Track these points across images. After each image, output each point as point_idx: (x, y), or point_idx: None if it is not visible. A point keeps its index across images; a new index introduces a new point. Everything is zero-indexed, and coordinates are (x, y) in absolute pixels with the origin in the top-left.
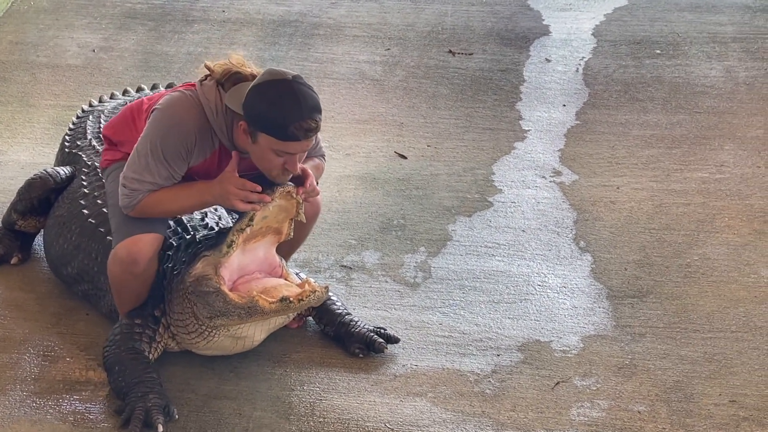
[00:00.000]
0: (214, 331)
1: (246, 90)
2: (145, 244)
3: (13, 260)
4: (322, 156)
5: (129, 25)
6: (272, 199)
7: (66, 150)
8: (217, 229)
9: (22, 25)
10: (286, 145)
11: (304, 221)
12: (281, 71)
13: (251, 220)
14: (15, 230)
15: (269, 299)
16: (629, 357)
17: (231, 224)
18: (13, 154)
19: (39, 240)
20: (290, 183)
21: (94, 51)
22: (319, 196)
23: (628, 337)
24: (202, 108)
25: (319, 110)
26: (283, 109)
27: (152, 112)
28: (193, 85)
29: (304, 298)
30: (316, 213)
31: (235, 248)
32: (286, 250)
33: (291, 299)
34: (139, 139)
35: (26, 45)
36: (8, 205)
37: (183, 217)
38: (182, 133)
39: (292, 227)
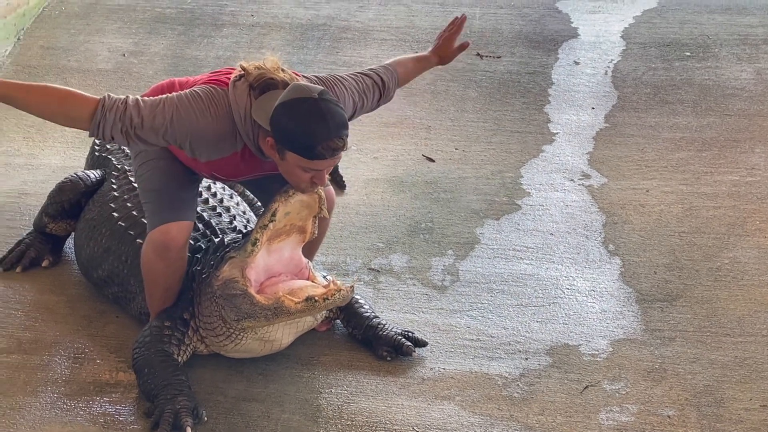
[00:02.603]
0: (241, 334)
1: (273, 102)
2: (177, 231)
3: (44, 263)
4: None
5: (159, 30)
6: (293, 194)
7: (96, 154)
8: (244, 232)
9: (53, 30)
10: (314, 163)
11: (327, 217)
12: (307, 88)
13: (273, 215)
14: (46, 233)
15: (295, 299)
16: (659, 361)
17: None
18: (44, 157)
19: (69, 243)
20: None
21: (124, 55)
22: (331, 189)
23: (657, 341)
24: (231, 111)
25: (345, 127)
26: (309, 130)
27: (193, 89)
28: (225, 83)
29: (330, 297)
30: (330, 208)
31: (259, 246)
32: (307, 248)
33: (316, 298)
34: (175, 94)
35: (57, 50)
36: (39, 208)
37: (212, 220)
38: (197, 130)
39: (316, 225)
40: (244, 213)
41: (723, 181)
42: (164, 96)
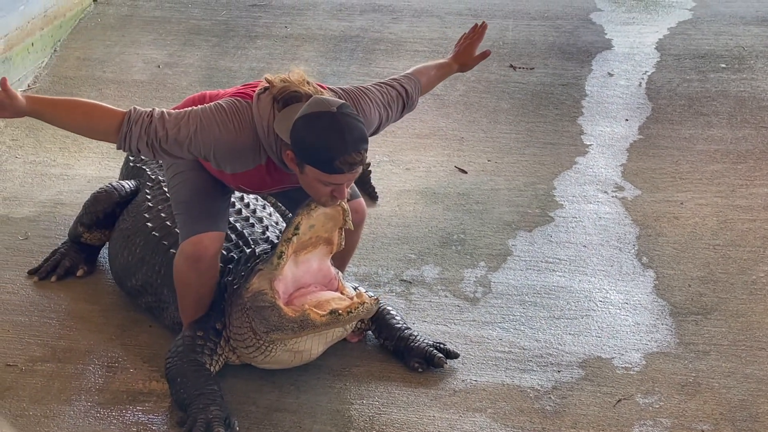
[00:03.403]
0: (271, 346)
1: (294, 115)
2: (209, 242)
3: (79, 272)
4: None
5: (193, 41)
6: (315, 207)
7: (130, 164)
8: (274, 243)
9: (89, 42)
10: (332, 177)
11: (353, 229)
12: (326, 102)
13: (297, 228)
14: (81, 243)
15: (320, 312)
16: (693, 375)
17: None
18: (79, 168)
19: (104, 253)
20: None
21: (159, 67)
22: (362, 201)
23: (691, 354)
24: (254, 124)
25: (364, 141)
26: (327, 144)
27: (217, 102)
28: (251, 96)
29: (353, 310)
30: (361, 220)
31: (285, 259)
32: (338, 259)
33: (340, 311)
34: (199, 107)
35: (93, 61)
36: (74, 218)
37: (244, 231)
38: (220, 143)
39: (343, 236)
40: (276, 224)
41: (758, 193)
42: (189, 109)
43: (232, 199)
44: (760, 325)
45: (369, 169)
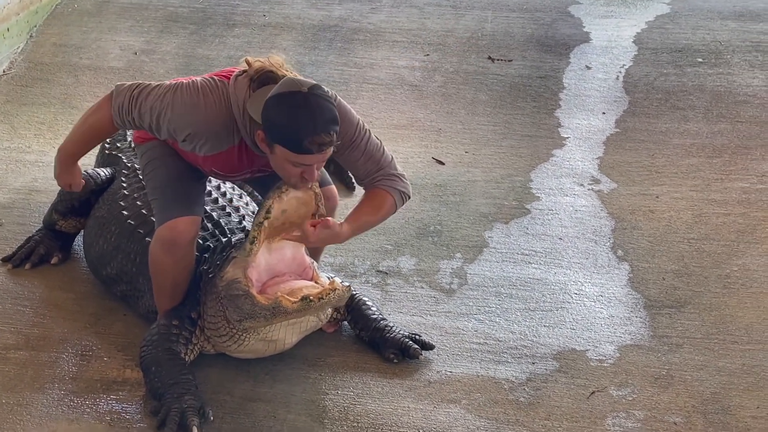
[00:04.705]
0: (244, 335)
1: (266, 97)
2: (185, 226)
3: (53, 260)
4: None
5: (171, 29)
6: (286, 189)
7: (106, 152)
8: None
9: (65, 28)
10: (302, 157)
11: (325, 215)
12: (297, 82)
13: (268, 212)
14: (55, 230)
15: (292, 299)
16: (666, 367)
17: None
18: (54, 154)
19: (79, 241)
20: None
21: (136, 54)
22: (333, 189)
23: (665, 347)
24: (230, 103)
25: (334, 122)
26: (296, 123)
27: (193, 80)
28: (227, 77)
29: (325, 297)
30: (333, 207)
31: (258, 245)
32: (313, 249)
33: (311, 298)
34: (167, 85)
35: (69, 47)
36: (49, 205)
37: (221, 220)
38: (196, 118)
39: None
40: (253, 213)
41: (733, 188)
42: (167, 84)
43: (209, 188)
44: (732, 319)
45: None
